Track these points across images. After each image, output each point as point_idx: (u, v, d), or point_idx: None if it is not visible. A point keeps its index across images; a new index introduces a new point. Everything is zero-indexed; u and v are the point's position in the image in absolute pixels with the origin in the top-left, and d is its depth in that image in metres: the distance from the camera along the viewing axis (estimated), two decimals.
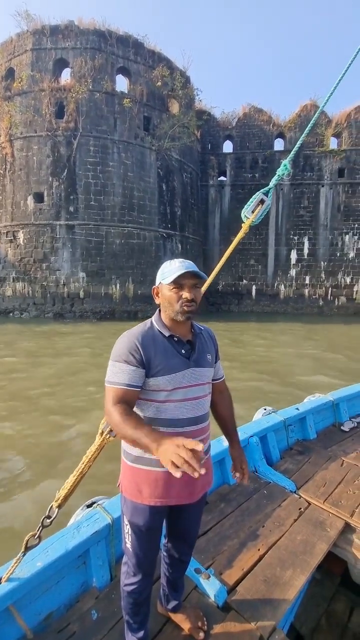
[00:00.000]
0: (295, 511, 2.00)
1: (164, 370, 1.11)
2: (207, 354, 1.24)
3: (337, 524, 1.88)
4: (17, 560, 1.28)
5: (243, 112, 23.12)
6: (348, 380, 6.17)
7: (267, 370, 7.92)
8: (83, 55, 16.12)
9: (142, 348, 1.10)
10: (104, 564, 1.56)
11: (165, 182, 18.27)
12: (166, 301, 1.15)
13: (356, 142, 22.08)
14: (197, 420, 1.18)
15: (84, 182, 15.95)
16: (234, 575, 1.58)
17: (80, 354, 8.99)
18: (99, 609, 1.42)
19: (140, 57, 17.20)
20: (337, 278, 22.72)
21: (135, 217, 16.90)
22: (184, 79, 18.69)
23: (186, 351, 1.18)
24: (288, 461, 2.56)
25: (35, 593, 1.35)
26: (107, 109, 16.31)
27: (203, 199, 23.39)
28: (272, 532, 1.84)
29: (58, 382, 6.66)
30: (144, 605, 1.25)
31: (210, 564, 1.64)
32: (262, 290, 23.26)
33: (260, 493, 2.16)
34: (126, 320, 15.96)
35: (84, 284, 16.00)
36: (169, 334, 1.16)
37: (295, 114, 22.75)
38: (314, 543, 1.75)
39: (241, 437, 2.36)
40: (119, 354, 1.10)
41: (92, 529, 1.52)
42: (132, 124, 16.78)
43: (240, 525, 1.89)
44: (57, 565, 1.39)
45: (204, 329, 1.32)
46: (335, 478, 2.33)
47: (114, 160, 16.34)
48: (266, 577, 1.56)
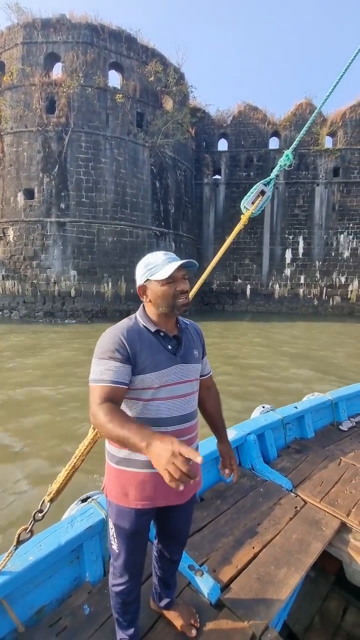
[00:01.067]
0: (291, 510, 1.98)
1: (150, 367, 1.06)
2: (194, 349, 1.20)
3: (333, 524, 1.87)
4: (9, 554, 1.25)
5: (238, 110, 22.96)
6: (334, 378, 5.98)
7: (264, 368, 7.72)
8: (75, 50, 15.83)
9: (128, 343, 1.05)
10: (97, 559, 1.55)
11: (158, 179, 18.03)
12: (159, 298, 1.09)
13: (351, 142, 22.00)
14: (185, 419, 1.14)
15: (75, 179, 15.65)
16: (228, 572, 1.56)
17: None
18: (91, 603, 1.41)
19: (133, 52, 16.94)
20: (331, 278, 22.62)
21: (127, 215, 16.63)
22: (178, 75, 18.45)
23: (172, 347, 1.14)
24: (285, 459, 2.54)
25: (27, 587, 1.34)
26: (99, 104, 16.03)
27: (197, 198, 23.17)
28: (267, 530, 1.82)
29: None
30: (133, 604, 1.23)
31: (204, 560, 1.63)
32: (257, 289, 23.10)
33: (256, 491, 2.14)
34: (118, 319, 15.64)
35: (75, 283, 15.71)
36: (155, 329, 1.12)
37: (290, 113, 22.62)
38: (309, 542, 1.74)
39: (238, 434, 2.37)
40: (104, 350, 1.05)
41: (86, 524, 1.51)
42: (125, 120, 16.51)
43: (236, 522, 1.87)
44: (50, 560, 1.37)
45: (190, 323, 1.28)
46: (332, 477, 2.31)
47: (106, 157, 16.06)
48: (260, 575, 1.55)
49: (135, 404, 1.10)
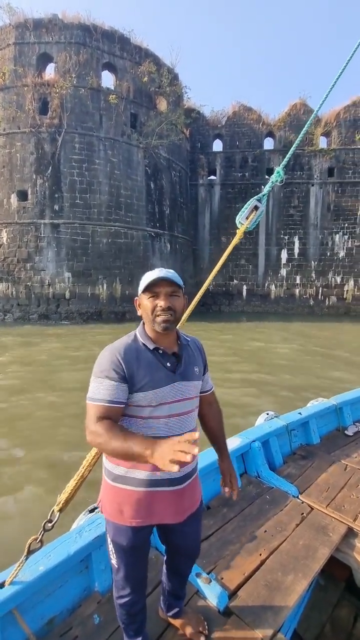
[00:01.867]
0: (298, 516, 1.98)
1: (148, 385, 1.06)
2: (194, 366, 1.19)
3: (340, 529, 1.85)
4: (19, 564, 1.26)
5: (232, 111, 22.94)
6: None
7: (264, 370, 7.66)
8: (67, 50, 15.72)
9: (124, 362, 1.05)
10: (106, 568, 1.54)
11: (153, 180, 17.95)
12: (144, 311, 1.12)
13: (345, 142, 22.05)
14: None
15: (69, 180, 15.54)
16: (235, 579, 1.56)
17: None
18: (101, 613, 1.41)
19: (127, 52, 16.87)
20: (327, 278, 22.64)
21: (122, 216, 16.54)
22: (172, 75, 18.40)
23: (172, 364, 1.13)
24: (291, 466, 2.52)
25: (38, 597, 1.35)
26: (93, 105, 15.93)
27: (193, 199, 23.11)
28: (274, 536, 1.82)
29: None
30: (138, 615, 1.23)
31: (211, 568, 1.63)
32: (253, 290, 23.07)
33: (262, 498, 2.14)
34: (113, 321, 15.60)
35: (70, 285, 15.58)
36: (153, 346, 1.12)
37: (284, 113, 22.64)
38: (316, 548, 1.73)
39: (243, 442, 2.36)
40: (101, 369, 1.05)
41: (94, 534, 1.51)
42: (119, 120, 16.42)
43: (242, 530, 1.88)
44: (60, 570, 1.38)
45: (191, 339, 1.26)
46: (338, 483, 2.29)
47: (100, 158, 15.96)
48: (267, 582, 1.54)
49: (133, 422, 1.09)
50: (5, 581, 1.28)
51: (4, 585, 1.27)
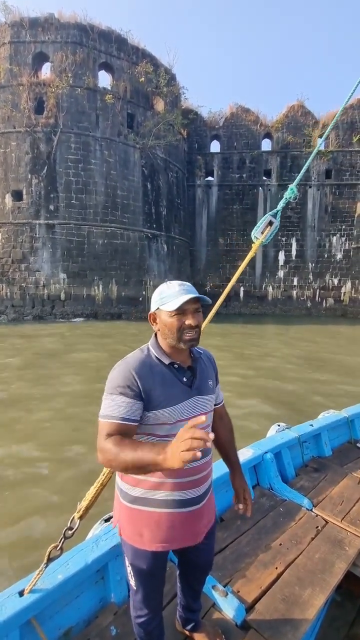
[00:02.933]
0: (313, 529, 1.95)
1: (165, 402, 1.02)
2: (208, 379, 1.16)
3: (356, 543, 1.82)
4: (39, 572, 1.25)
5: (230, 112, 22.89)
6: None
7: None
8: (64, 50, 15.62)
9: (140, 379, 1.01)
10: (122, 579, 1.53)
11: (150, 181, 17.84)
12: (166, 328, 1.05)
13: (343, 144, 22.05)
14: (202, 454, 1.06)
15: (64, 180, 15.41)
16: (252, 593, 1.54)
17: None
18: (117, 625, 1.41)
19: (124, 53, 16.77)
20: (324, 279, 22.60)
21: (118, 217, 16.41)
22: (169, 76, 18.33)
23: (187, 379, 1.10)
24: (304, 478, 2.50)
25: (56, 607, 1.35)
26: (89, 105, 15.82)
27: (190, 200, 23.02)
28: (289, 550, 1.80)
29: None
30: (155, 630, 1.22)
31: (227, 581, 1.60)
32: (250, 291, 22.99)
33: (276, 511, 2.12)
34: (109, 322, 15.45)
35: (65, 286, 15.43)
36: (169, 361, 1.08)
37: (282, 115, 22.61)
38: (332, 562, 1.70)
39: (255, 453, 2.34)
40: (114, 385, 1.01)
41: (110, 543, 1.50)
42: (115, 121, 16.31)
43: (257, 542, 1.86)
44: (77, 579, 1.38)
45: (203, 352, 1.23)
46: (353, 496, 2.26)
47: (96, 158, 15.84)
48: (285, 596, 1.52)
49: (148, 440, 1.05)
50: (25, 589, 1.25)
51: (23, 593, 1.25)
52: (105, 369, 3.57)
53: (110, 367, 1.09)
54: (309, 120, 22.34)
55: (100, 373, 7.05)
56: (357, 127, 21.67)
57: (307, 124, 22.27)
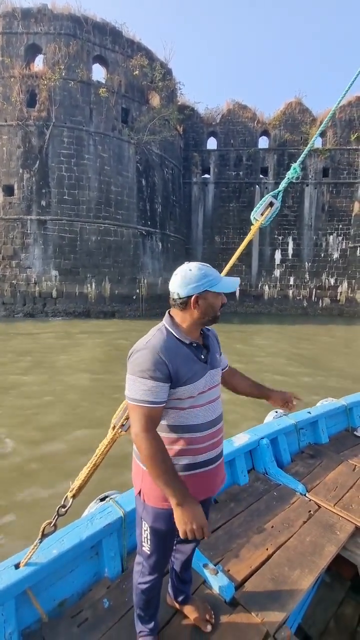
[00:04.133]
0: (305, 513, 1.99)
1: (190, 379, 1.10)
2: (216, 354, 1.25)
3: (347, 528, 1.87)
4: (34, 547, 1.31)
5: (227, 109, 22.60)
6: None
7: None
8: (57, 41, 15.25)
9: (169, 361, 1.06)
10: (115, 555, 1.60)
11: (144, 177, 17.54)
12: (210, 308, 1.13)
13: (340, 142, 21.83)
14: (217, 421, 1.21)
15: (57, 175, 15.07)
16: (242, 572, 1.59)
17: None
18: (110, 598, 1.46)
19: (119, 45, 16.43)
20: (321, 279, 22.42)
21: (112, 213, 16.11)
22: (165, 70, 17.99)
23: (204, 356, 1.18)
24: (299, 464, 2.54)
25: (50, 579, 1.40)
26: (83, 98, 15.48)
27: (186, 197, 22.74)
28: (281, 532, 1.84)
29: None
30: (154, 599, 1.29)
31: (218, 560, 1.66)
32: (246, 290, 22.77)
33: (270, 494, 2.16)
34: (103, 320, 15.17)
35: (57, 283, 15.12)
36: (189, 340, 1.15)
37: (280, 112, 22.36)
38: (322, 545, 1.75)
39: (252, 438, 2.39)
40: (143, 369, 1.05)
41: (104, 521, 1.56)
42: (109, 115, 15.99)
43: (250, 524, 1.90)
44: (72, 554, 1.43)
45: (210, 329, 1.31)
46: (347, 482, 2.30)
47: (89, 153, 15.51)
48: (274, 576, 1.57)
49: (172, 413, 1.12)
50: (21, 562, 1.32)
51: (19, 566, 1.31)
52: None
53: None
54: (306, 117, 22.10)
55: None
56: (355, 125, 21.47)
57: (305, 122, 22.03)
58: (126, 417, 1.33)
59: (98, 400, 5.62)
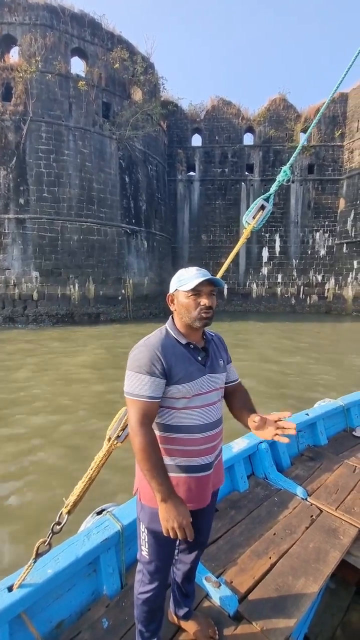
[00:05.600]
0: (307, 518, 1.95)
1: (184, 378, 1.11)
2: (219, 359, 1.25)
3: (351, 532, 1.83)
4: (28, 567, 1.26)
5: (211, 105, 22.30)
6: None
7: None
8: (32, 32, 14.60)
9: (164, 358, 1.09)
10: (114, 571, 1.54)
11: (128, 174, 17.03)
12: (183, 308, 1.14)
13: (325, 139, 21.80)
14: (213, 425, 1.20)
15: (35, 172, 14.43)
16: (245, 583, 1.54)
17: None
18: (109, 617, 1.41)
19: (98, 38, 15.88)
20: (308, 276, 22.37)
21: (94, 212, 15.56)
22: (146, 64, 17.52)
23: (202, 358, 1.18)
24: (299, 467, 2.49)
25: (46, 600, 1.35)
26: (61, 92, 14.87)
27: (171, 195, 22.33)
28: (283, 539, 1.80)
29: None
30: (157, 612, 1.24)
31: (221, 572, 1.61)
32: (234, 289, 22.54)
33: (270, 500, 2.12)
34: (87, 324, 14.62)
35: (38, 285, 14.49)
36: (185, 341, 1.17)
37: (264, 108, 22.18)
38: (326, 551, 1.71)
39: (250, 443, 2.34)
40: (140, 364, 1.08)
41: (102, 536, 1.50)
42: (90, 109, 15.43)
43: (251, 532, 1.86)
44: (68, 573, 1.37)
45: (215, 335, 1.33)
46: (347, 485, 2.26)
47: (69, 149, 14.92)
48: (278, 586, 1.52)
49: (168, 413, 1.14)
50: (14, 584, 1.26)
51: (12, 588, 1.25)
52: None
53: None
54: (291, 114, 21.98)
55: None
56: (339, 122, 21.46)
57: (290, 118, 21.92)
58: (122, 428, 1.32)
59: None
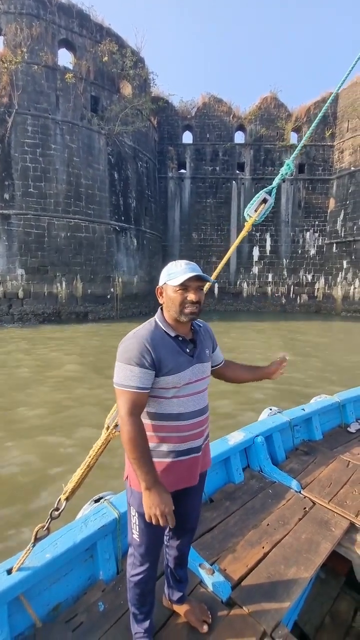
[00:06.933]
0: (300, 510, 2.00)
1: (174, 370, 1.14)
2: (206, 349, 1.28)
3: (342, 524, 1.88)
4: (27, 551, 1.30)
5: (202, 102, 22.08)
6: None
7: None
8: (18, 22, 14.12)
9: (153, 349, 1.12)
10: (110, 557, 1.58)
11: (117, 170, 16.70)
12: (170, 302, 1.17)
13: (316, 138, 21.83)
14: (201, 412, 1.25)
15: (20, 166, 13.99)
16: (238, 571, 1.58)
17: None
18: (105, 601, 1.44)
19: (86, 30, 15.48)
20: (298, 275, 22.41)
21: (82, 208, 15.19)
22: (136, 58, 17.18)
23: (190, 349, 1.22)
24: (293, 461, 2.55)
25: (44, 584, 1.38)
26: (48, 84, 14.45)
27: (162, 192, 22.06)
28: (276, 530, 1.84)
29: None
30: (149, 595, 1.28)
31: (214, 560, 1.65)
32: (225, 288, 22.42)
33: (265, 492, 2.16)
34: (75, 322, 14.28)
35: (24, 283, 14.07)
36: (174, 333, 1.19)
37: (255, 106, 22.07)
38: (318, 542, 1.75)
39: (246, 436, 2.38)
40: (130, 356, 1.11)
41: (99, 523, 1.54)
42: (78, 103, 15.04)
43: (245, 523, 1.89)
44: (66, 558, 1.41)
45: (202, 325, 1.34)
46: (340, 478, 2.32)
47: (56, 143, 14.52)
48: (270, 574, 1.57)
49: (158, 401, 1.17)
50: (13, 567, 1.29)
51: (11, 571, 1.29)
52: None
53: None
54: (282, 112, 21.94)
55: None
56: (329, 122, 21.50)
57: (280, 117, 21.87)
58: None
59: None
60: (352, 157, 20.50)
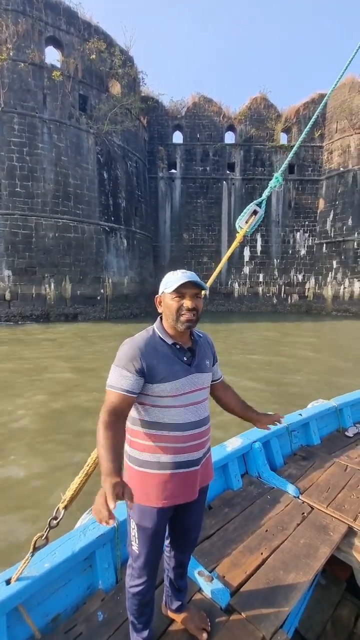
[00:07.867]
0: (299, 515, 1.99)
1: (168, 377, 1.14)
2: (206, 359, 1.27)
3: (341, 528, 1.87)
4: (25, 561, 1.29)
5: (192, 102, 22.03)
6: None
7: None
8: (3, 18, 13.86)
9: (143, 357, 1.12)
10: (109, 566, 1.57)
11: (106, 169, 16.53)
12: (167, 310, 1.17)
13: (305, 139, 21.94)
14: (200, 424, 1.22)
15: (7, 165, 13.73)
16: (237, 578, 1.58)
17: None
18: (105, 610, 1.43)
19: (74, 27, 15.29)
20: (289, 275, 22.51)
21: (71, 208, 14.98)
22: (125, 56, 17.04)
23: (187, 358, 1.20)
24: (292, 466, 2.55)
25: (43, 594, 1.37)
26: (35, 82, 14.22)
27: (152, 192, 21.93)
28: (275, 536, 1.83)
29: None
30: (148, 605, 1.28)
31: (213, 567, 1.64)
32: (216, 288, 22.40)
33: (263, 498, 2.17)
34: (64, 323, 14.05)
35: (10, 284, 13.81)
36: (171, 341, 1.19)
37: (245, 107, 22.11)
38: (317, 547, 1.74)
39: (244, 442, 2.39)
40: (121, 361, 1.13)
41: (97, 532, 1.53)
42: (65, 102, 14.83)
43: (244, 529, 1.88)
44: (64, 567, 1.40)
45: (203, 335, 1.34)
46: (339, 483, 2.32)
47: (43, 142, 14.29)
48: (269, 580, 1.56)
49: (153, 411, 1.16)
50: (12, 578, 1.28)
51: (10, 581, 1.27)
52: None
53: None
54: (271, 113, 22.01)
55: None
56: (318, 122, 21.64)
57: (270, 117, 21.94)
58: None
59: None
60: (340, 158, 20.68)
